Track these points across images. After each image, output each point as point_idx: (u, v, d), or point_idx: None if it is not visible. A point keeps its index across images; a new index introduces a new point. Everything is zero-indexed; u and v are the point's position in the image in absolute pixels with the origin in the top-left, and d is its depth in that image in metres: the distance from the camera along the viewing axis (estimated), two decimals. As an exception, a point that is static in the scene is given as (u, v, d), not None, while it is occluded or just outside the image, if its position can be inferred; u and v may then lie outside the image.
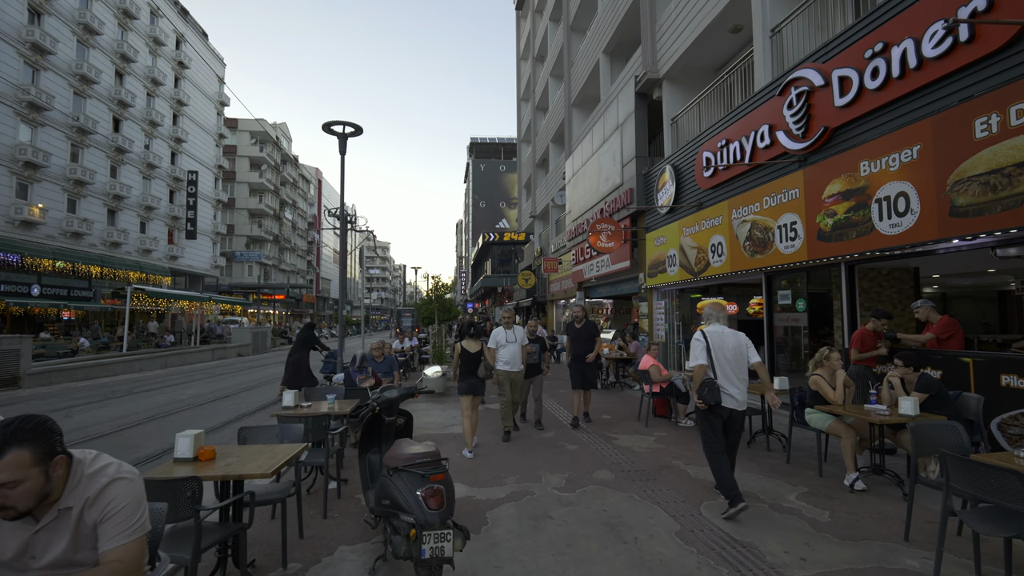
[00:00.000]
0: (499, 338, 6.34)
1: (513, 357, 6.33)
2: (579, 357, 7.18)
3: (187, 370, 16.87)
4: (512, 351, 6.32)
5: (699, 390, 3.96)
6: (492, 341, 6.31)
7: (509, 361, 6.31)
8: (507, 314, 6.47)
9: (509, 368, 6.32)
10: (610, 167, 13.95)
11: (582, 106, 19.54)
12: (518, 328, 6.49)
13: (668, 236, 10.85)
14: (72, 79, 25.66)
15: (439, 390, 9.84)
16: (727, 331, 4.13)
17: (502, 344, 6.31)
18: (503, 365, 6.32)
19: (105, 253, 27.58)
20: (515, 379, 6.43)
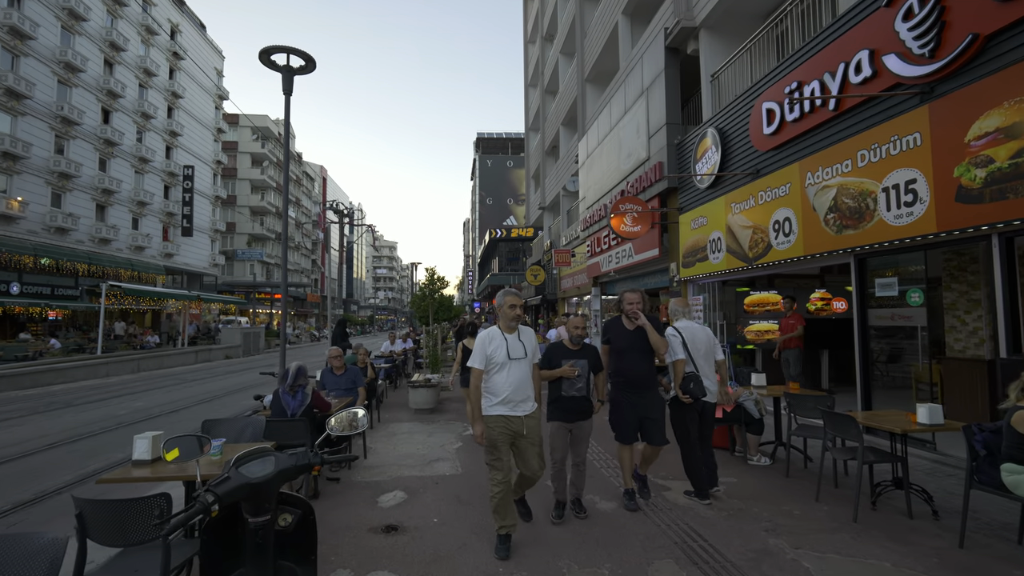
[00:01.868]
0: (491, 349, 3.33)
1: (519, 386, 3.33)
2: (634, 383, 3.93)
3: (159, 375, 15.24)
4: (518, 376, 3.33)
5: (683, 385, 4.10)
6: (477, 355, 3.35)
7: (511, 396, 3.30)
8: (513, 301, 3.42)
9: (510, 410, 3.31)
10: (633, 140, 12.01)
11: (597, 81, 17.59)
12: (527, 331, 3.48)
13: (711, 215, 8.90)
14: (56, 66, 24.23)
15: (428, 406, 7.98)
16: (696, 326, 4.40)
17: (497, 362, 3.32)
18: (498, 405, 3.31)
19: (93, 250, 26.13)
20: (524, 432, 3.34)
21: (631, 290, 4.07)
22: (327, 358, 5.37)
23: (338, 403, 4.82)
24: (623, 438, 3.98)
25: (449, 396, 9.81)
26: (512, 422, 3.31)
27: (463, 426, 7.16)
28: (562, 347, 3.94)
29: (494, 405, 3.33)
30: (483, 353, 3.32)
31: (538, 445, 3.44)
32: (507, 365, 3.31)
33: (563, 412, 3.79)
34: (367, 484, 4.63)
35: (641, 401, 3.92)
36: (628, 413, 3.94)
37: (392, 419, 7.69)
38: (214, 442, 2.85)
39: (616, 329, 4.06)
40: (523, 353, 3.37)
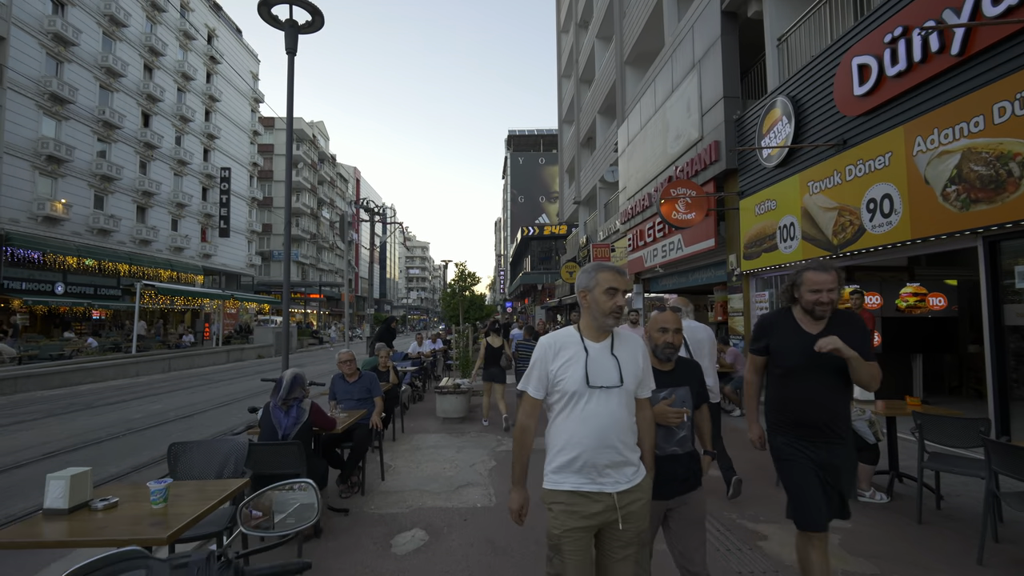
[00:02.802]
0: (558, 366, 1.90)
1: (606, 436, 1.84)
2: (815, 427, 2.35)
3: (188, 375, 14.97)
4: (606, 419, 1.85)
5: None
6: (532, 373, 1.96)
7: (591, 456, 1.85)
8: (612, 280, 1.91)
9: (590, 482, 1.86)
10: (682, 120, 10.87)
11: (637, 63, 16.42)
12: (630, 338, 1.99)
13: (781, 198, 7.72)
14: (98, 72, 24.72)
15: (458, 415, 7.12)
16: (697, 325, 4.14)
17: (566, 390, 1.87)
18: (566, 472, 1.89)
19: (134, 251, 26.62)
20: (619, 524, 1.85)
21: (817, 266, 2.34)
22: (338, 362, 4.56)
23: (347, 418, 3.98)
24: (809, 521, 2.28)
25: (479, 404, 8.94)
26: (594, 504, 1.82)
27: (497, 439, 6.27)
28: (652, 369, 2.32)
29: (559, 471, 1.87)
30: (543, 371, 1.89)
31: (641, 545, 1.89)
32: (585, 397, 1.83)
33: (656, 484, 2.08)
34: (381, 518, 3.78)
35: (831, 459, 2.31)
36: (811, 478, 2.31)
37: (417, 429, 6.87)
38: (154, 485, 2.02)
39: (784, 331, 2.41)
40: (616, 378, 1.84)
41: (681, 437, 2.21)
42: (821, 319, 2.33)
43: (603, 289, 1.88)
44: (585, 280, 1.95)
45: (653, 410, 2.09)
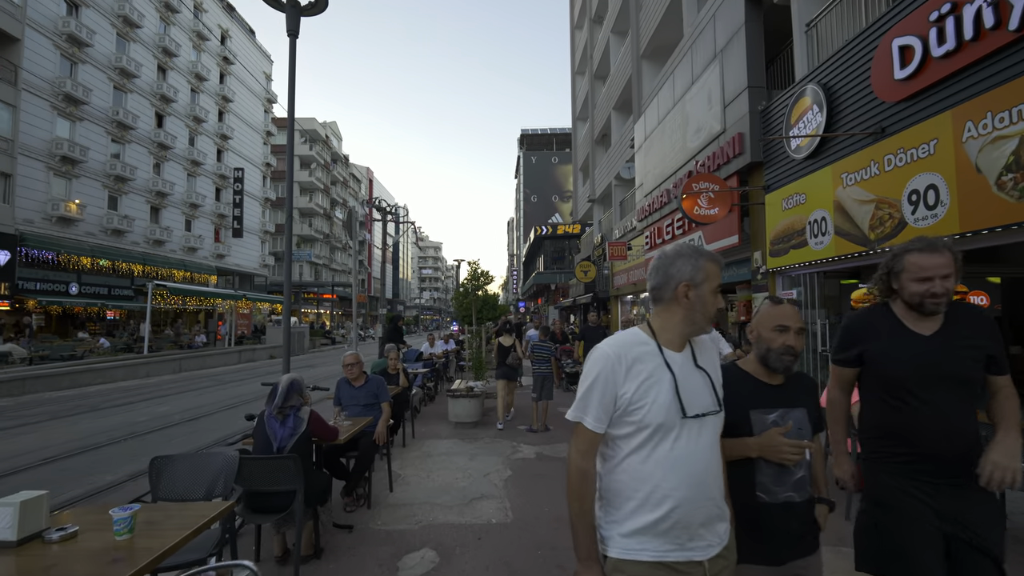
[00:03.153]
0: (636, 388, 1.37)
1: (700, 485, 1.38)
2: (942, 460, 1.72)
3: (199, 376, 14.88)
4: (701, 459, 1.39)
5: None
6: (591, 397, 1.40)
7: (683, 514, 1.35)
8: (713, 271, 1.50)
9: (678, 548, 1.36)
10: (703, 113, 10.46)
11: (654, 57, 16.00)
12: (709, 345, 1.58)
13: (811, 191, 7.30)
14: (111, 72, 24.88)
15: (471, 419, 6.81)
16: None
17: (651, 422, 1.36)
18: (646, 535, 1.36)
19: (148, 251, 26.78)
20: None
21: (924, 246, 1.82)
22: (343, 365, 4.27)
23: (351, 426, 3.69)
24: None
25: (495, 406, 8.63)
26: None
27: (512, 445, 5.95)
28: (741, 377, 1.71)
29: (637, 535, 1.36)
30: (609, 394, 1.38)
31: None
32: (675, 432, 1.36)
33: (762, 541, 1.59)
34: (388, 536, 3.48)
35: (958, 505, 1.69)
36: (926, 536, 1.68)
37: (429, 434, 6.58)
38: (117, 513, 1.73)
39: (884, 334, 1.85)
40: (712, 401, 1.43)
41: (799, 479, 1.60)
42: (933, 315, 1.78)
43: (714, 286, 1.46)
44: (689, 269, 1.42)
45: (760, 441, 1.55)
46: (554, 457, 5.31)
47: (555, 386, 9.51)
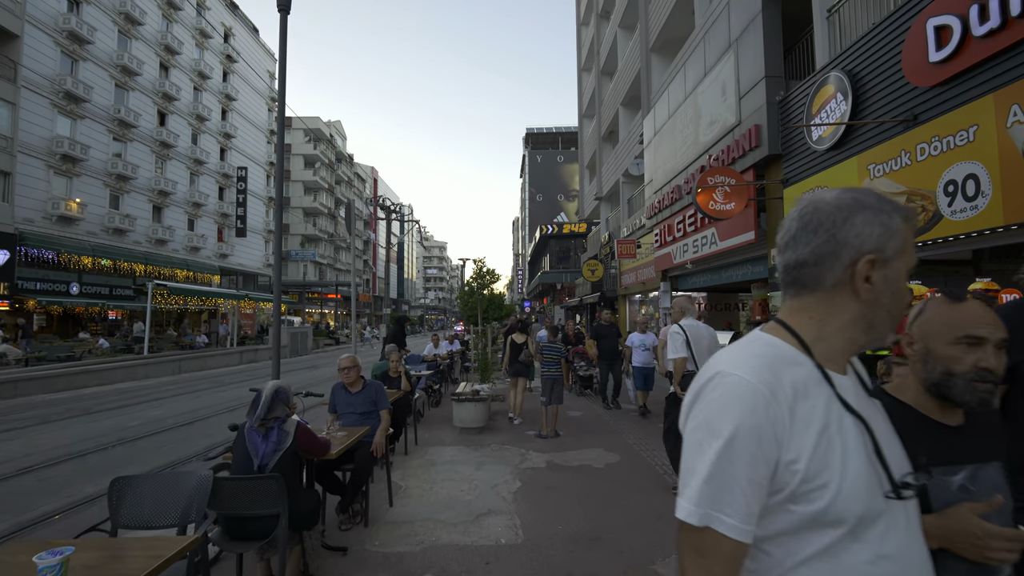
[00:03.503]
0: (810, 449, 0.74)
1: None
2: None
3: (198, 377, 14.63)
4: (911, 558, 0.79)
5: (683, 382, 3.91)
6: (736, 475, 0.72)
7: None
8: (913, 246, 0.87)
9: None
10: (717, 105, 10.09)
11: (663, 50, 15.61)
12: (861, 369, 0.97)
13: (834, 184, 6.91)
14: (113, 70, 24.69)
15: (476, 424, 6.48)
16: (701, 325, 4.27)
17: (848, 514, 0.74)
18: None
19: (150, 250, 26.60)
20: None
21: None
22: (338, 368, 3.94)
23: (345, 438, 3.35)
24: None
25: (502, 409, 8.29)
26: None
27: (520, 453, 5.61)
28: (902, 414, 1.04)
29: None
30: (765, 467, 0.74)
31: None
32: (879, 524, 0.76)
33: None
34: (385, 560, 3.15)
35: None
36: None
37: (432, 440, 6.25)
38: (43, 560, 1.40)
39: None
40: (906, 458, 0.85)
41: None
42: None
43: (910, 264, 0.85)
44: (877, 232, 0.82)
45: (946, 523, 0.95)
46: (565, 466, 4.98)
47: (565, 389, 9.19)
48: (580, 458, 5.36)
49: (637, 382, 8.04)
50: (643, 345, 8.02)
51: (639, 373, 8.01)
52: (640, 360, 7.97)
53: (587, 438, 6.30)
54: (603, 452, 5.65)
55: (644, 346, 8.02)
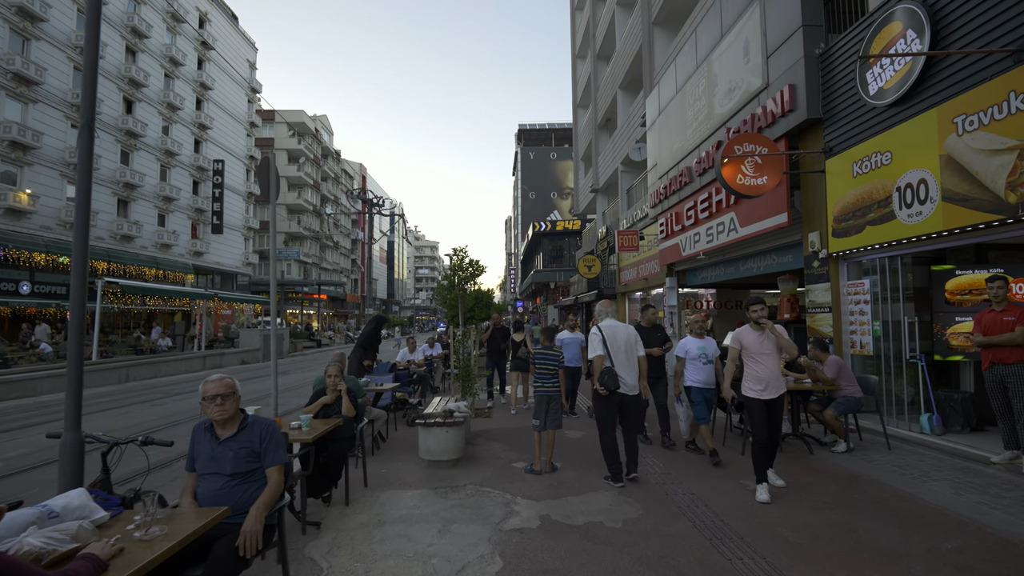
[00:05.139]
0: None
1: None
2: None
3: (146, 386, 13.00)
4: None
5: (600, 378, 4.38)
6: None
7: None
8: None
9: None
10: (737, 69, 8.66)
11: (667, 23, 14.22)
12: None
13: (901, 147, 5.50)
14: (71, 51, 22.88)
15: (449, 456, 4.96)
16: (619, 325, 4.68)
17: None
18: None
19: (114, 247, 24.80)
20: None
21: None
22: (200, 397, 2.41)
23: (161, 541, 1.81)
24: None
25: (486, 429, 6.79)
26: None
27: (504, 501, 4.13)
28: None
29: None
30: None
31: None
32: None
33: None
34: None
35: None
36: None
37: (391, 478, 4.74)
38: None
39: None
40: None
41: None
42: None
43: None
44: None
45: None
46: (567, 526, 3.51)
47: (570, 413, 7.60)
48: (587, 509, 3.89)
49: (697, 410, 5.27)
50: (703, 355, 5.37)
51: (699, 396, 5.27)
52: (699, 377, 5.30)
53: (593, 473, 4.81)
54: (617, 497, 4.17)
55: (705, 357, 5.36)
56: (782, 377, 4.23)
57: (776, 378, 4.11)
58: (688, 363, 5.41)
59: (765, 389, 4.08)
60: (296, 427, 3.67)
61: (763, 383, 4.08)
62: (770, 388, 4.08)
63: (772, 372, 4.10)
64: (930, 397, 5.62)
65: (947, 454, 5.13)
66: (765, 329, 4.15)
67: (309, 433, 3.61)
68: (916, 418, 5.78)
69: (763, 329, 4.16)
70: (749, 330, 4.23)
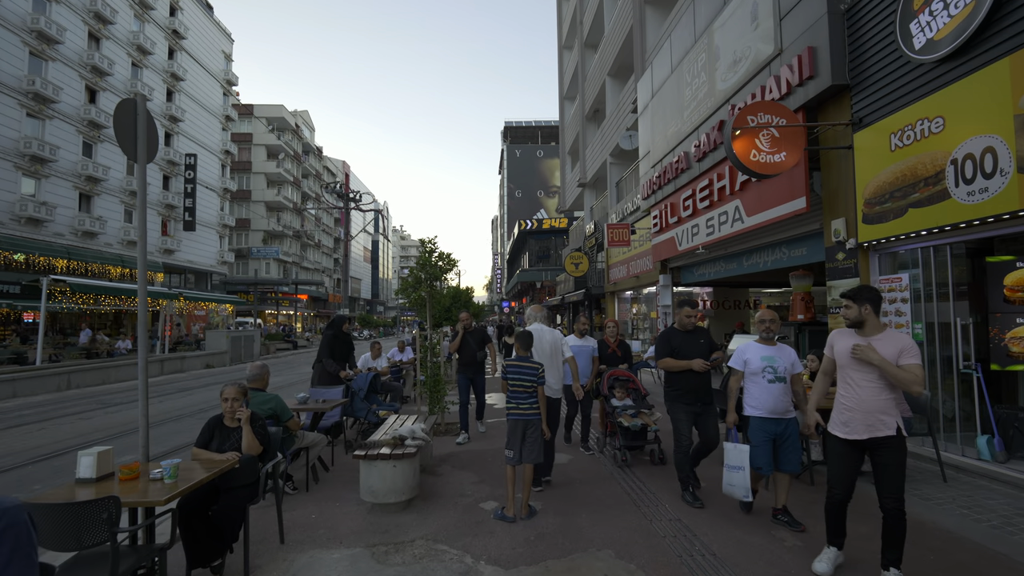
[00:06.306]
0: None
1: None
2: None
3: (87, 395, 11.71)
4: None
5: None
6: None
7: None
8: None
9: None
10: (743, 37, 7.67)
11: (659, 1, 13.24)
12: None
13: (957, 111, 4.52)
14: (26, 36, 21.36)
15: (398, 497, 3.86)
16: (545, 329, 4.74)
17: None
18: None
19: (75, 244, 23.31)
20: None
21: None
22: None
23: None
24: None
25: (454, 452, 5.71)
26: None
27: (464, 568, 3.04)
28: None
29: None
30: None
31: None
32: None
33: None
34: None
35: None
36: None
37: (317, 531, 3.63)
38: None
39: None
40: None
41: None
42: None
43: None
44: None
45: None
46: None
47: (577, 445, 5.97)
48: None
49: (757, 455, 3.61)
50: (769, 369, 3.65)
51: (762, 432, 3.62)
52: (764, 403, 3.63)
53: (582, 518, 3.76)
54: (615, 561, 3.11)
55: (772, 371, 3.64)
56: (884, 413, 2.75)
57: (869, 411, 2.76)
58: (747, 380, 3.75)
59: (848, 424, 2.82)
60: (157, 476, 2.55)
61: (847, 415, 2.83)
62: (855, 423, 2.79)
63: (865, 401, 2.76)
64: (989, 415, 4.64)
65: (1016, 487, 4.15)
66: (865, 333, 2.83)
67: (174, 486, 2.49)
68: (971, 440, 4.80)
69: (863, 333, 2.84)
70: (845, 333, 2.97)
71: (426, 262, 6.91)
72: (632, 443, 5.17)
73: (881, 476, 2.75)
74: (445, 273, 6.94)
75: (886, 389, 2.75)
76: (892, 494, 2.70)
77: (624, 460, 5.14)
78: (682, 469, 4.13)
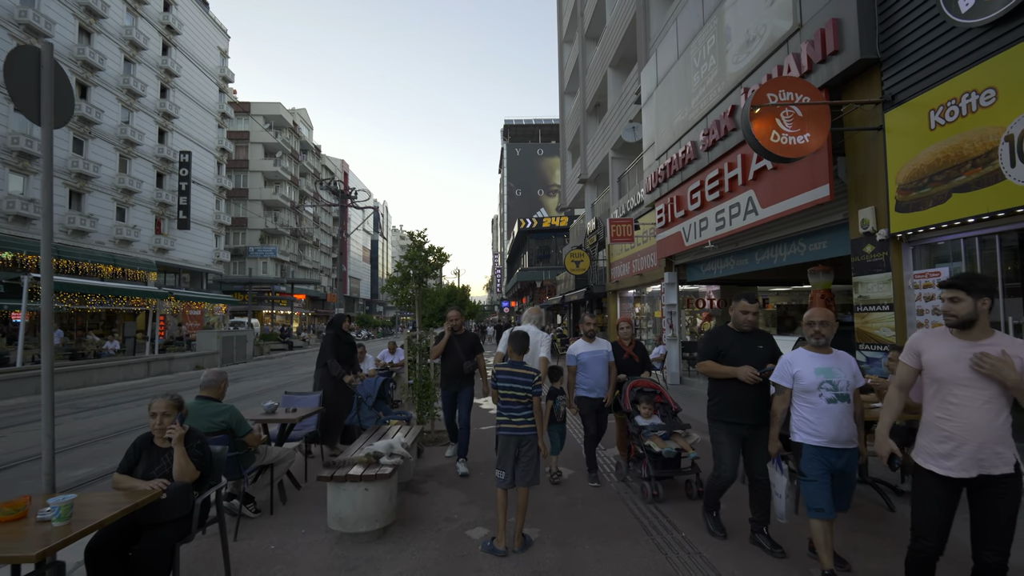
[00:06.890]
0: None
1: None
2: None
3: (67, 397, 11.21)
4: None
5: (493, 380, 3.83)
6: None
7: None
8: None
9: None
10: (757, 14, 7.12)
11: (666, -13, 12.69)
12: None
13: (1011, 81, 3.96)
14: (14, 28, 20.85)
15: (370, 526, 3.31)
16: (532, 329, 4.78)
17: None
18: None
19: (65, 242, 22.78)
20: None
21: None
22: None
23: None
24: None
25: (441, 466, 5.15)
26: None
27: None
28: None
29: None
30: None
31: None
32: None
33: None
34: None
35: None
36: None
37: (273, 568, 3.08)
38: None
39: None
40: None
41: None
42: None
43: None
44: None
45: None
46: None
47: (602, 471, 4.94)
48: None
49: (810, 493, 2.75)
50: (828, 386, 2.76)
51: (817, 463, 2.74)
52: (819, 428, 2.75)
53: (585, 551, 3.21)
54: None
55: (832, 388, 2.75)
56: (1000, 444, 2.08)
57: (984, 441, 2.07)
58: (798, 399, 2.85)
59: (951, 457, 2.11)
60: (46, 517, 2.00)
61: (950, 444, 2.12)
62: (963, 456, 2.09)
63: (979, 429, 2.07)
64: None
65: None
66: (973, 337, 2.13)
67: (66, 530, 1.94)
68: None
69: (969, 336, 2.14)
70: (938, 335, 2.28)
71: (415, 256, 6.37)
72: (663, 472, 4.12)
73: (987, 524, 2.11)
74: (436, 268, 6.38)
75: (1004, 411, 2.08)
76: (997, 548, 2.07)
77: (655, 495, 4.04)
78: (711, 499, 3.45)
